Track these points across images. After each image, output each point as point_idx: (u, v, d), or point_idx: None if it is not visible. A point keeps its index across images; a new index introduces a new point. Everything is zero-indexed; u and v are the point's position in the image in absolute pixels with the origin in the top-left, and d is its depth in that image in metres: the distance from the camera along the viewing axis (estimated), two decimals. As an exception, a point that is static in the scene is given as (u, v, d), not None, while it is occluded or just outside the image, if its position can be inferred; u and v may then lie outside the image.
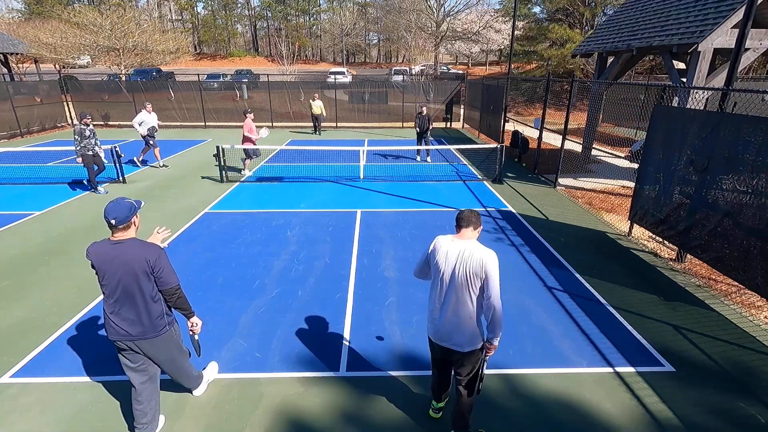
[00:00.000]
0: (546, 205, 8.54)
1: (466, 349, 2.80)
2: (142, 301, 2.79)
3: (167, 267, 2.82)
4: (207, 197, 8.96)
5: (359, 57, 71.79)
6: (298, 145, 14.71)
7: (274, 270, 5.72)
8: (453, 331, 2.78)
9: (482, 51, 50.22)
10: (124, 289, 2.75)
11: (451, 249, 2.75)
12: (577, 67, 25.40)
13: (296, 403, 3.48)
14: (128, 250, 2.72)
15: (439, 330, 2.84)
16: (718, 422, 3.32)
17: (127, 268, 2.70)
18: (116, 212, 2.70)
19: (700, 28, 7.79)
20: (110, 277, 2.73)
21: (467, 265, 2.65)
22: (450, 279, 2.72)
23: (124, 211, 2.72)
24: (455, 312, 2.74)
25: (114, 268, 2.71)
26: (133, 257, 2.71)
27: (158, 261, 2.75)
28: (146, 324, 2.85)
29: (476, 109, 17.37)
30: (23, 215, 7.83)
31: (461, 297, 2.70)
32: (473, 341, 2.79)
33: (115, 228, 2.72)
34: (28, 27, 30.34)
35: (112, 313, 2.82)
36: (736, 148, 4.78)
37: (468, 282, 2.66)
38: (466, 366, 2.89)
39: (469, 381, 2.93)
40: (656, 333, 4.42)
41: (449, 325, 2.78)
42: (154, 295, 2.83)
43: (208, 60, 57.89)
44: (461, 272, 2.67)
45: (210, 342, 4.20)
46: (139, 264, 2.71)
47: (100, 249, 2.75)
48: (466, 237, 2.79)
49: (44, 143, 15.26)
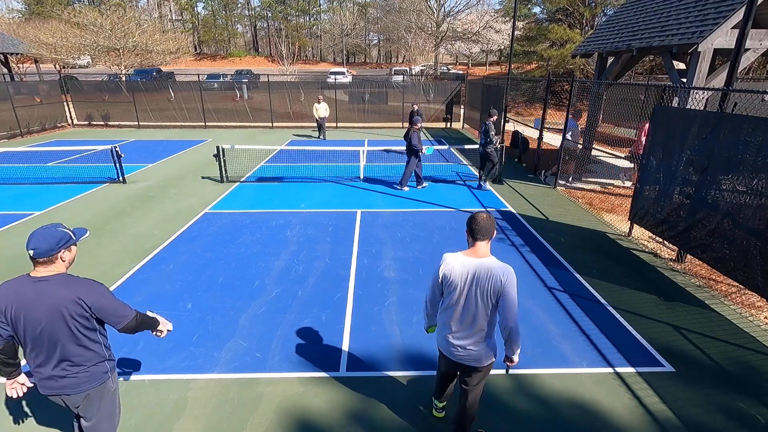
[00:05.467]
0: (546, 206, 8.54)
1: (483, 363, 2.72)
2: (73, 348, 2.27)
3: (114, 305, 2.32)
4: (207, 197, 8.96)
5: (359, 57, 71.81)
6: (299, 145, 14.71)
7: (274, 270, 5.72)
8: (470, 351, 2.68)
9: (482, 51, 50.23)
10: (50, 337, 2.21)
11: (464, 270, 2.52)
12: (577, 68, 25.39)
13: (296, 403, 3.48)
14: (54, 290, 2.18)
15: (454, 349, 2.73)
16: (718, 422, 3.32)
17: (53, 311, 2.17)
18: (38, 241, 2.15)
19: (700, 28, 7.79)
20: (30, 323, 2.18)
21: (485, 286, 2.48)
22: (466, 299, 2.57)
23: (49, 242, 2.16)
24: (473, 331, 2.63)
25: (35, 313, 2.17)
26: (60, 297, 2.18)
27: (100, 302, 2.26)
28: (77, 375, 2.34)
29: (476, 109, 17.37)
30: (23, 215, 7.83)
31: (478, 316, 2.58)
32: (490, 356, 2.72)
33: (34, 260, 2.17)
34: (28, 27, 30.33)
35: (37, 366, 2.31)
36: (736, 149, 4.78)
37: (485, 302, 2.53)
38: (475, 377, 2.82)
39: (477, 387, 2.87)
40: (656, 333, 4.42)
41: (466, 344, 2.67)
42: (89, 340, 2.32)
43: (208, 60, 57.89)
44: (478, 293, 2.51)
45: (210, 342, 4.21)
46: (70, 305, 2.19)
47: (14, 287, 2.20)
48: (481, 253, 2.53)
49: (44, 143, 15.26)
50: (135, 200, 8.75)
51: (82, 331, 2.28)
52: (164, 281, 5.44)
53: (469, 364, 2.74)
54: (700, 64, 7.89)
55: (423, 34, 45.64)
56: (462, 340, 2.68)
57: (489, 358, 2.72)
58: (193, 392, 3.58)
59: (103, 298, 2.29)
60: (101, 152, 12.65)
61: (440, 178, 10.66)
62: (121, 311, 2.35)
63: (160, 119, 19.91)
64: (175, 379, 3.71)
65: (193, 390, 3.60)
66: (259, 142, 15.65)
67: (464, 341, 2.68)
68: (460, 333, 2.67)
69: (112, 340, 2.81)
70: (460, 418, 2.99)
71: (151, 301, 4.95)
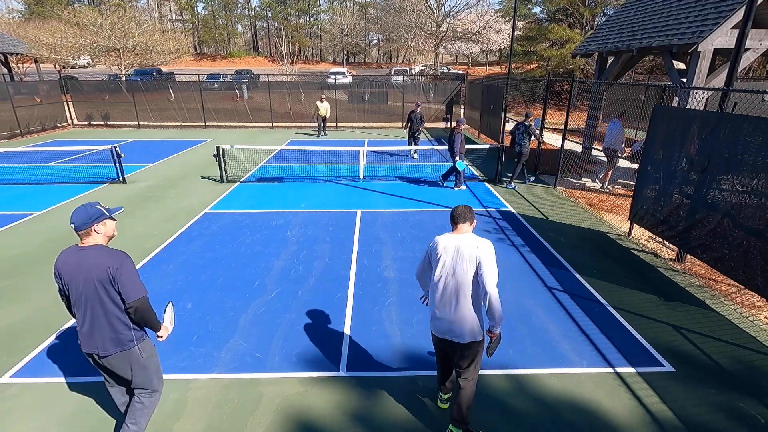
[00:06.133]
0: (546, 206, 8.54)
1: (466, 340, 2.86)
2: (101, 312, 2.58)
3: (130, 278, 2.57)
4: (207, 197, 8.96)
5: (359, 57, 71.81)
6: (299, 145, 14.71)
7: (274, 270, 5.72)
8: (453, 323, 2.85)
9: (482, 51, 50.23)
10: (85, 300, 2.57)
11: (448, 244, 2.86)
12: (577, 68, 25.39)
13: (296, 403, 3.48)
14: (89, 258, 2.55)
15: (440, 323, 2.92)
16: (718, 422, 3.32)
17: (87, 276, 2.53)
18: (76, 217, 2.56)
19: (700, 28, 7.79)
20: (73, 285, 2.57)
21: (464, 256, 2.76)
22: (449, 272, 2.82)
23: (83, 218, 2.55)
24: (455, 304, 2.82)
25: (75, 277, 2.55)
26: (92, 264, 2.52)
27: (119, 270, 2.52)
28: (109, 338, 2.63)
29: (476, 109, 17.36)
30: (23, 215, 7.83)
31: (460, 289, 2.79)
32: (474, 333, 2.86)
33: (77, 233, 2.58)
34: (28, 27, 30.30)
35: (79, 325, 2.66)
36: (735, 149, 4.78)
37: (465, 273, 2.76)
38: (466, 358, 2.94)
39: (469, 373, 2.98)
40: (656, 333, 4.42)
41: (449, 317, 2.85)
42: (116, 307, 2.60)
43: (209, 60, 57.88)
44: (458, 264, 2.78)
45: (210, 342, 4.21)
46: (98, 272, 2.51)
47: (66, 256, 2.61)
48: (463, 232, 2.92)
49: (44, 143, 15.26)
50: (135, 200, 8.75)
51: (111, 297, 2.57)
52: (164, 281, 5.43)
53: (453, 340, 2.89)
54: (700, 64, 7.90)
55: (423, 34, 45.63)
56: (446, 314, 2.86)
57: (473, 335, 2.85)
58: (193, 392, 3.58)
59: (123, 268, 2.55)
60: (101, 152, 12.65)
61: (440, 178, 10.65)
62: (136, 287, 2.58)
63: (160, 119, 19.90)
64: (175, 379, 3.71)
65: (193, 390, 3.60)
66: (259, 142, 15.65)
67: (448, 315, 2.86)
68: (445, 307, 2.86)
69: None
70: (455, 409, 3.06)
71: (150, 301, 4.93)
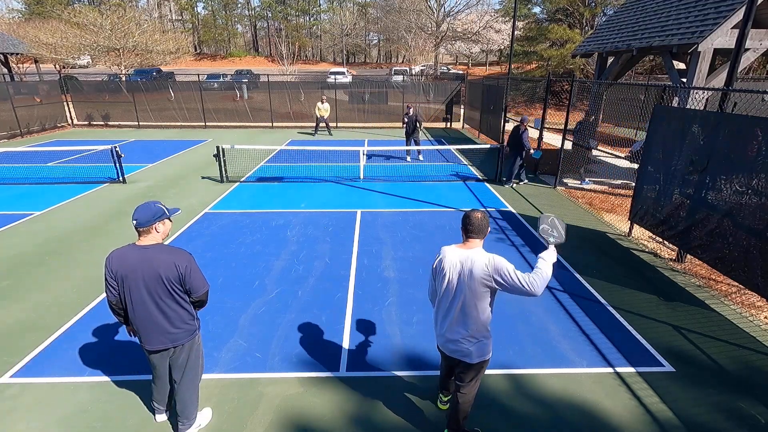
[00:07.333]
0: (546, 206, 8.54)
1: (474, 360, 2.73)
2: (168, 307, 2.71)
3: (198, 272, 2.74)
4: (207, 197, 8.96)
5: (359, 57, 71.79)
6: (299, 145, 14.72)
7: (274, 270, 5.72)
8: (460, 342, 2.71)
9: (482, 51, 50.22)
10: (150, 296, 2.65)
11: (455, 259, 2.64)
12: (577, 68, 25.39)
13: (296, 404, 3.48)
14: (154, 255, 2.63)
15: (446, 341, 2.78)
16: (718, 422, 3.32)
17: (152, 273, 2.60)
18: (139, 214, 2.62)
19: (700, 28, 7.79)
20: (133, 282, 2.63)
21: (474, 276, 2.56)
22: (455, 289, 2.64)
23: (147, 215, 2.63)
24: (462, 322, 2.67)
25: (138, 274, 2.61)
26: (159, 262, 2.62)
27: (189, 267, 2.67)
28: (172, 331, 2.77)
29: (476, 109, 17.37)
30: (23, 215, 7.83)
31: (467, 307, 2.63)
32: (482, 353, 2.73)
33: (138, 230, 2.66)
34: (28, 27, 30.31)
35: (141, 320, 2.73)
36: (735, 149, 4.78)
37: (473, 291, 2.58)
38: (469, 374, 2.83)
39: (469, 388, 2.88)
40: (656, 333, 4.42)
41: (457, 336, 2.71)
42: (181, 302, 2.74)
43: (209, 60, 57.88)
44: (468, 283, 2.58)
45: (210, 342, 4.21)
46: (166, 269, 2.62)
47: (122, 253, 2.67)
48: (473, 247, 2.66)
49: (44, 143, 15.26)
50: (135, 200, 8.74)
51: (178, 292, 2.70)
52: (164, 281, 5.43)
53: (460, 359, 2.77)
54: (700, 64, 7.90)
55: (423, 34, 45.63)
56: (453, 333, 2.72)
57: (480, 355, 2.73)
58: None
59: (192, 264, 2.71)
60: (101, 152, 12.65)
61: (440, 178, 10.66)
62: (203, 281, 2.77)
63: (160, 119, 19.90)
64: (175, 379, 3.70)
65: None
66: (259, 142, 15.66)
67: (455, 335, 2.71)
68: (451, 326, 2.71)
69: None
70: (452, 415, 3.03)
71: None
